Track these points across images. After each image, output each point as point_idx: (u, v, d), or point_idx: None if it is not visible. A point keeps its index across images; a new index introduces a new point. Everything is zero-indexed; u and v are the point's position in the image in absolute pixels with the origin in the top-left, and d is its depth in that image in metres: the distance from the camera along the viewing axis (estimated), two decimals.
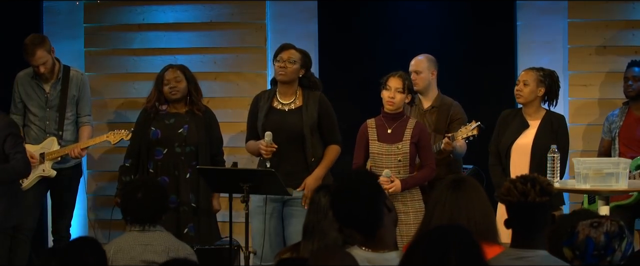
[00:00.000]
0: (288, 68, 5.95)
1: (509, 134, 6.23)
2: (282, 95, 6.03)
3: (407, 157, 5.84)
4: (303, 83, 6.03)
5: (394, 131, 5.90)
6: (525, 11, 7.34)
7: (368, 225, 3.67)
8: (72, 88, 6.83)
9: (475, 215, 3.79)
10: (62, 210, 6.87)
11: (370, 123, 5.99)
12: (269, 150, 5.80)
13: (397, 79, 5.87)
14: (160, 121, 6.34)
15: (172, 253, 4.64)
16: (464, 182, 3.88)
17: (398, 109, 5.91)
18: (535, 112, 6.21)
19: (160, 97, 6.37)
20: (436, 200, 3.88)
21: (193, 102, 6.36)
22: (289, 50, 5.99)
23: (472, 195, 3.83)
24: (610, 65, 7.14)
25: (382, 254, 3.68)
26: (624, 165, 5.58)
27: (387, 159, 5.86)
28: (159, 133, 6.30)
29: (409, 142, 5.85)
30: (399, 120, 5.92)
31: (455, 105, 6.47)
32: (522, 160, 6.12)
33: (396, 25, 7.48)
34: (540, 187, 3.55)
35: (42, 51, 6.65)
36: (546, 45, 7.25)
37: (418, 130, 5.88)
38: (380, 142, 5.90)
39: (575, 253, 3.52)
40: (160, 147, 6.29)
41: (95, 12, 7.63)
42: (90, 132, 6.87)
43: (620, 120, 6.53)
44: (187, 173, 6.26)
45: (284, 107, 6.00)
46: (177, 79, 6.36)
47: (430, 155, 5.93)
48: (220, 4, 7.54)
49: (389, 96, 5.88)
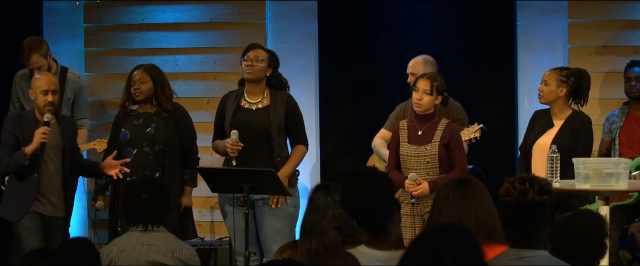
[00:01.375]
0: (255, 66, 5.96)
1: (534, 133, 6.22)
2: (250, 94, 6.03)
3: (436, 158, 5.78)
4: (271, 82, 6.04)
5: (424, 133, 5.86)
6: (525, 11, 7.34)
7: (380, 220, 3.67)
8: (68, 91, 6.82)
9: (484, 214, 3.79)
10: None
11: (402, 125, 5.95)
12: (235, 149, 5.81)
13: (424, 81, 5.84)
14: (130, 122, 6.34)
15: (176, 254, 4.65)
16: (469, 182, 3.89)
17: (427, 111, 5.86)
18: (560, 111, 6.16)
19: (129, 97, 6.39)
20: (443, 202, 3.87)
21: (159, 103, 6.32)
22: (256, 50, 6.01)
23: (478, 195, 3.84)
24: (610, 65, 7.14)
25: (391, 252, 3.68)
26: (624, 165, 5.57)
27: (416, 161, 5.82)
28: (128, 134, 6.30)
29: (438, 143, 5.80)
30: (430, 122, 5.87)
31: (456, 105, 6.46)
32: (542, 159, 6.09)
33: (396, 25, 7.48)
34: (539, 186, 3.55)
35: (37, 56, 6.65)
36: (546, 45, 7.25)
37: (449, 131, 5.83)
38: (410, 143, 5.85)
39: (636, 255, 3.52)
40: (130, 148, 6.28)
41: (95, 12, 7.63)
42: (85, 135, 6.86)
43: (620, 120, 6.53)
44: (157, 172, 6.25)
45: (251, 106, 6.01)
46: (141, 80, 6.33)
47: (461, 156, 5.86)
48: (220, 4, 7.54)
49: (416, 98, 5.84)
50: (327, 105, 7.46)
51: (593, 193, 5.76)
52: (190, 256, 4.72)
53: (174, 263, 4.61)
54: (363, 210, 3.71)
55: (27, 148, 5.84)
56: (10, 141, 5.95)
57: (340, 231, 4.09)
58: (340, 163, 7.45)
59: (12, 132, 5.95)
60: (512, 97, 7.33)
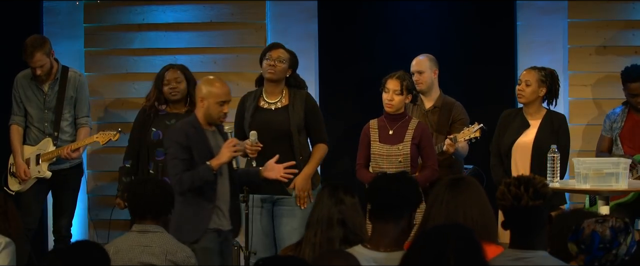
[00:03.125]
0: (277, 67, 5.96)
1: (509, 134, 6.24)
2: (269, 94, 6.02)
3: (408, 158, 5.84)
4: (289, 82, 6.04)
5: (395, 132, 5.90)
6: (525, 11, 7.34)
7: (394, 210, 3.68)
8: (70, 90, 6.82)
9: (473, 213, 3.80)
10: (62, 209, 6.87)
11: (372, 124, 5.99)
12: (255, 150, 5.78)
13: (394, 81, 5.87)
14: (161, 122, 6.33)
15: (169, 256, 4.63)
16: (462, 181, 3.90)
17: (398, 110, 5.91)
18: (536, 111, 6.22)
19: (160, 97, 6.36)
20: (434, 199, 3.89)
21: (193, 102, 6.35)
22: (278, 49, 6.00)
23: (470, 194, 3.84)
24: (610, 65, 7.14)
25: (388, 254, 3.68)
26: (624, 165, 5.58)
27: (388, 160, 5.85)
28: (161, 134, 6.29)
29: (409, 143, 5.84)
30: (401, 121, 5.92)
31: (457, 106, 6.48)
32: (523, 160, 6.13)
33: (396, 25, 7.48)
34: (534, 190, 3.55)
35: (40, 54, 6.64)
36: (546, 45, 7.25)
37: (420, 130, 5.88)
38: (381, 143, 5.90)
39: (581, 247, 3.53)
40: (162, 148, 6.29)
41: (95, 12, 7.63)
42: (87, 133, 6.86)
43: (621, 120, 6.51)
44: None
45: (270, 106, 6.00)
46: (177, 80, 6.35)
47: (432, 155, 5.92)
48: (220, 4, 7.54)
49: (387, 98, 5.89)
50: (327, 105, 7.45)
51: (593, 193, 5.77)
52: (184, 259, 4.71)
53: (166, 264, 4.60)
54: (387, 194, 3.72)
55: (215, 162, 5.24)
56: (183, 155, 5.29)
57: (344, 227, 4.11)
58: (340, 164, 7.44)
59: (184, 145, 5.31)
60: (512, 97, 7.32)
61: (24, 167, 6.73)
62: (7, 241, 4.76)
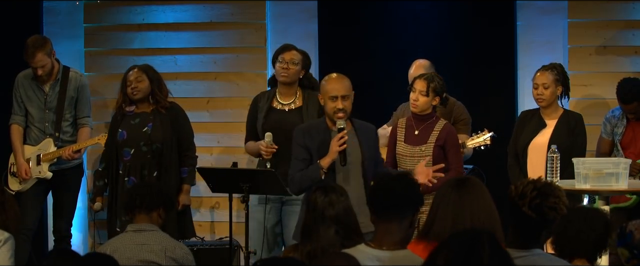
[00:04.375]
0: (291, 69, 5.96)
1: (526, 134, 6.24)
2: (282, 95, 6.02)
3: (431, 159, 5.78)
4: (303, 83, 6.04)
5: (420, 133, 5.84)
6: (525, 11, 7.34)
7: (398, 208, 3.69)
8: (71, 90, 6.83)
9: (480, 214, 3.80)
10: (63, 210, 6.88)
11: (400, 123, 5.94)
12: (270, 151, 5.81)
13: (421, 81, 5.83)
14: (127, 122, 6.37)
15: (169, 253, 4.65)
16: (467, 182, 3.89)
17: (424, 111, 5.84)
18: (554, 111, 6.23)
19: (126, 98, 6.41)
20: (439, 200, 3.89)
21: (157, 100, 6.36)
22: (291, 51, 6.00)
23: (476, 195, 3.84)
24: (610, 65, 7.14)
25: (392, 252, 3.68)
26: (624, 165, 5.57)
27: (411, 161, 5.80)
28: (125, 134, 6.33)
29: (433, 144, 5.77)
30: (428, 122, 5.85)
31: (458, 105, 6.47)
32: (539, 159, 6.12)
33: (396, 26, 7.48)
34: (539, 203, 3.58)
35: (42, 54, 6.64)
36: (546, 45, 7.25)
37: (445, 132, 5.80)
38: (406, 143, 5.85)
39: (634, 252, 3.53)
40: (128, 148, 6.31)
41: (95, 12, 7.63)
42: (88, 134, 6.86)
43: (622, 127, 6.47)
44: (155, 171, 6.26)
45: (284, 107, 6.00)
46: (138, 79, 6.37)
47: (456, 158, 5.83)
48: (220, 4, 7.54)
49: (413, 98, 5.84)
50: None
51: (593, 193, 5.77)
52: (183, 255, 4.73)
53: (166, 262, 4.62)
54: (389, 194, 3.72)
55: (323, 161, 5.16)
56: (302, 155, 5.24)
57: (338, 234, 4.11)
58: None
59: (303, 145, 5.25)
60: (512, 97, 7.33)
61: (26, 166, 6.74)
62: (6, 237, 4.77)
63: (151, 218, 4.83)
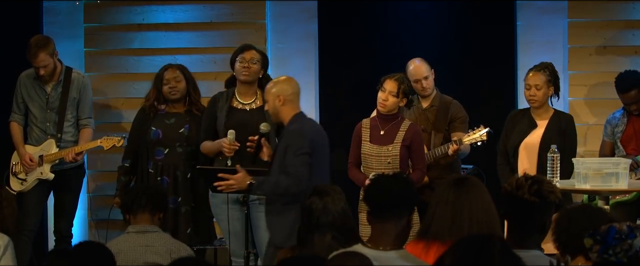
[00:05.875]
0: (251, 68, 5.97)
1: (516, 134, 6.24)
2: (242, 95, 6.02)
3: (397, 159, 5.81)
4: (262, 83, 6.03)
5: (386, 133, 5.89)
6: (525, 11, 7.34)
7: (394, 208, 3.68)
8: (73, 91, 6.82)
9: (478, 213, 3.80)
10: (64, 210, 6.87)
11: (364, 124, 5.99)
12: (232, 148, 5.79)
13: (392, 82, 5.86)
14: (160, 121, 6.34)
15: (174, 255, 4.66)
16: (466, 181, 3.90)
17: (391, 111, 5.90)
18: (545, 111, 6.24)
19: (159, 96, 6.37)
20: (438, 199, 3.88)
21: (192, 102, 6.38)
22: (250, 51, 6.00)
23: (475, 194, 3.85)
24: (610, 65, 7.13)
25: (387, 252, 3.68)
26: (624, 165, 5.58)
27: (377, 161, 5.84)
28: (160, 133, 6.30)
29: (399, 144, 5.83)
30: (393, 122, 5.90)
31: (454, 104, 6.47)
32: (530, 159, 6.14)
33: (396, 25, 7.48)
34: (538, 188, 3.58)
35: (44, 54, 6.64)
36: (546, 45, 7.25)
37: (411, 132, 5.86)
38: (371, 143, 5.89)
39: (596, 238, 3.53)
40: (162, 147, 6.29)
41: (95, 12, 7.63)
42: (90, 135, 6.85)
43: (623, 124, 6.48)
44: (188, 173, 6.27)
45: (245, 107, 6.00)
46: (176, 79, 6.37)
47: (421, 158, 5.89)
48: (220, 4, 7.54)
49: (382, 97, 5.88)
50: (327, 105, 7.46)
51: (593, 193, 5.77)
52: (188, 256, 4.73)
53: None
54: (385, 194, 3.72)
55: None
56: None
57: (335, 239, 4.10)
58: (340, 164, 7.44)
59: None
60: (512, 97, 7.33)
61: (29, 154, 6.70)
62: (5, 242, 4.76)
63: (153, 220, 4.83)
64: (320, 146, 5.42)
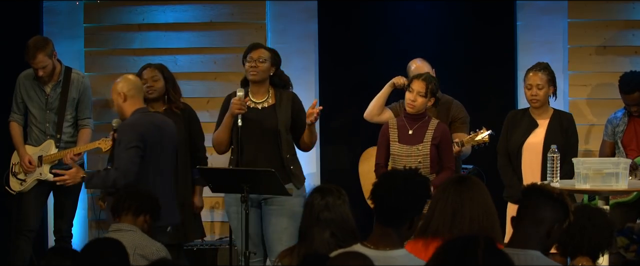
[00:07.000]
0: (259, 67, 5.95)
1: (518, 134, 6.23)
2: (254, 94, 6.02)
3: (428, 158, 5.80)
4: (274, 81, 6.02)
5: (415, 132, 5.87)
6: (525, 11, 7.34)
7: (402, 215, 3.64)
8: (73, 91, 6.82)
9: (478, 212, 3.80)
10: (63, 210, 6.87)
11: (391, 124, 5.96)
12: (242, 105, 5.78)
13: (420, 82, 5.85)
14: None
15: (138, 250, 4.71)
16: (467, 179, 3.90)
17: (419, 111, 5.89)
18: (544, 111, 6.23)
19: None
20: (438, 197, 3.88)
21: (171, 100, 6.37)
22: (258, 50, 5.99)
23: (475, 193, 3.84)
24: (610, 65, 7.14)
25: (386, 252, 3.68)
26: (624, 165, 5.58)
27: (407, 160, 5.82)
28: None
29: (429, 143, 5.81)
30: (421, 121, 5.88)
31: (455, 104, 6.47)
32: (533, 160, 6.12)
33: (396, 26, 7.48)
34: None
35: (42, 55, 6.64)
36: (546, 45, 7.25)
37: (440, 131, 5.85)
38: (400, 143, 5.87)
39: (633, 237, 3.54)
40: None
41: (95, 12, 7.63)
42: (89, 135, 6.86)
43: (623, 125, 6.48)
44: None
45: (257, 105, 5.99)
46: (154, 78, 6.37)
47: (450, 157, 5.88)
48: (220, 4, 7.54)
49: (410, 98, 5.86)
50: (327, 105, 7.44)
51: (593, 193, 5.77)
52: (153, 252, 4.77)
53: (133, 260, 4.61)
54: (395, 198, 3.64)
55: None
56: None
57: (334, 237, 4.10)
58: (340, 164, 7.45)
59: None
60: (512, 97, 7.33)
61: (29, 156, 6.72)
62: None
63: (136, 222, 4.88)
64: (155, 141, 5.57)
